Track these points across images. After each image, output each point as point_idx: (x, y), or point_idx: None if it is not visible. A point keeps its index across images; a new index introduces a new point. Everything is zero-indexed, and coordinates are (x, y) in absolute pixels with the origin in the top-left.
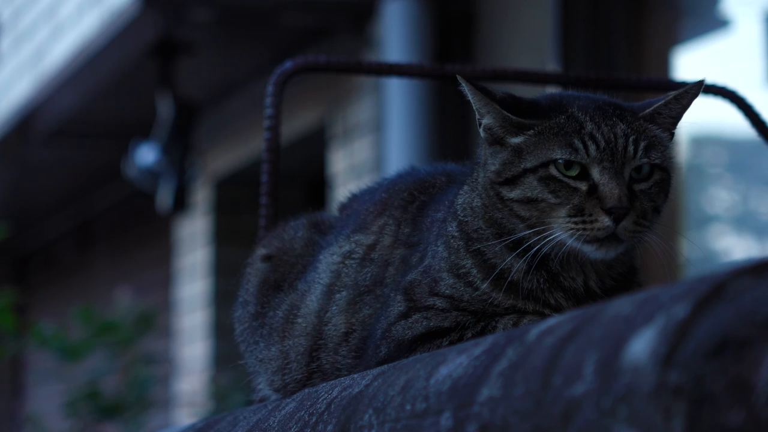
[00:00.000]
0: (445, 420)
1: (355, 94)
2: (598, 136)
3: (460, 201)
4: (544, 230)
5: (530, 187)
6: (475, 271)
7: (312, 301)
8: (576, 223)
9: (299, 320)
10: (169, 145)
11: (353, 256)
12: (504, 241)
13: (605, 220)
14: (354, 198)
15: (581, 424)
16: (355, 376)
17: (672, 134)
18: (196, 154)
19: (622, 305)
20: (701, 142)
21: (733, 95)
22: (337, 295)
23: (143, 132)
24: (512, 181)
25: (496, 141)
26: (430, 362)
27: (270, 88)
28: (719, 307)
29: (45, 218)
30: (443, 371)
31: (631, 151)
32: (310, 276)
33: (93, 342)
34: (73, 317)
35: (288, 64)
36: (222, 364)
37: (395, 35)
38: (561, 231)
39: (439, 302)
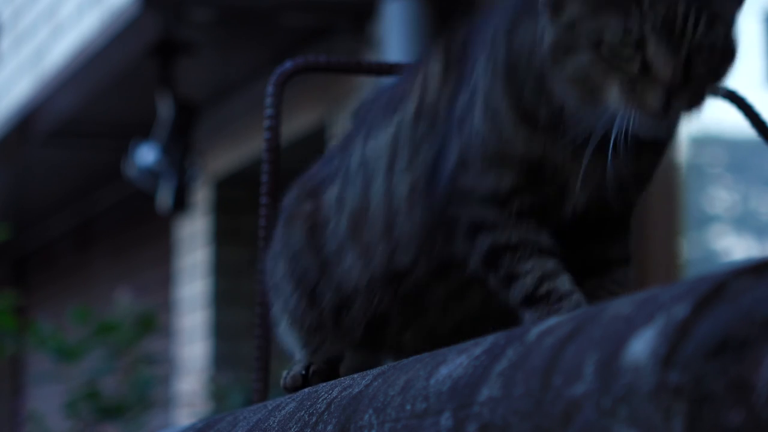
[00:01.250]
0: (445, 420)
1: (355, 94)
2: (659, 7)
3: (518, 36)
4: (594, 105)
5: (582, 60)
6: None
7: (378, 188)
8: (627, 99)
9: (371, 211)
10: (169, 145)
11: (405, 120)
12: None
13: (657, 97)
14: (367, 102)
15: (581, 424)
16: (355, 376)
17: (733, 21)
18: (196, 154)
19: (622, 305)
20: (701, 142)
21: (733, 95)
22: (398, 159)
23: (143, 132)
24: (565, 52)
25: (554, 11)
26: (430, 362)
27: (270, 88)
28: (719, 307)
29: (45, 218)
30: (443, 371)
31: (691, 27)
32: (358, 177)
33: (91, 342)
34: (70, 317)
35: (288, 64)
36: (222, 364)
37: (395, 35)
38: (613, 106)
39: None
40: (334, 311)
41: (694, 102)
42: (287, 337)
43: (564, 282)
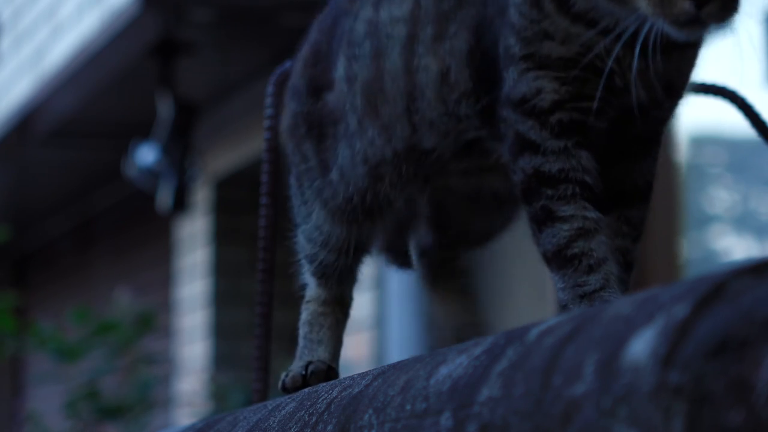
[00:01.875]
0: (445, 420)
1: None
2: None
3: None
4: (623, 5)
5: None
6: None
7: (394, 62)
8: (655, 5)
9: (387, 86)
10: (169, 145)
11: None
12: None
13: (685, 5)
14: None
15: (581, 424)
16: (355, 376)
17: None
18: (196, 154)
19: (622, 305)
20: (701, 142)
21: (733, 95)
22: (421, 36)
23: (143, 132)
24: None
25: None
26: (430, 362)
27: (270, 88)
28: (719, 307)
29: (45, 218)
30: (443, 371)
31: None
32: (365, 47)
33: (91, 342)
34: (69, 317)
35: (288, 64)
36: (222, 364)
37: None
38: (641, 9)
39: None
40: (370, 186)
41: (726, 11)
42: (319, 230)
43: (599, 245)
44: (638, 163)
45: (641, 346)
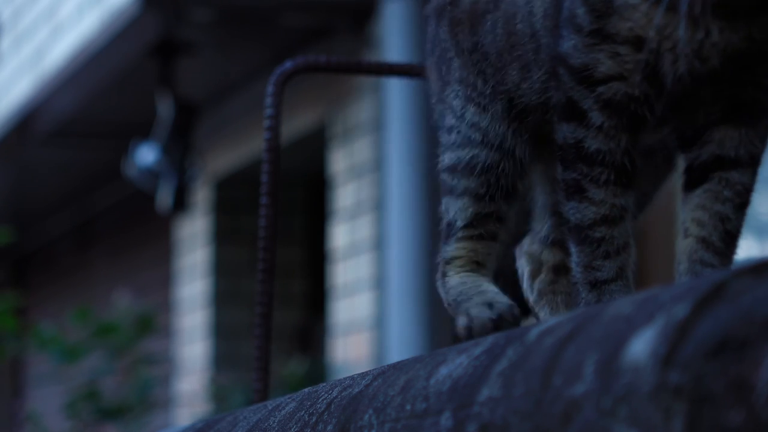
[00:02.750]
0: (445, 420)
1: (355, 94)
2: None
3: None
4: None
5: None
6: None
7: (523, 2)
8: None
9: (518, 28)
10: (169, 145)
11: None
12: None
13: None
14: None
15: (581, 424)
16: (355, 376)
17: None
18: (196, 154)
19: (622, 305)
20: None
21: None
22: None
23: (143, 132)
24: None
25: None
26: (430, 362)
27: (270, 88)
28: (719, 307)
29: (45, 218)
30: (443, 371)
31: None
32: None
33: (91, 343)
34: (70, 318)
35: (288, 64)
36: (222, 364)
37: (395, 35)
38: None
39: None
40: (512, 129)
41: None
42: (475, 127)
43: (621, 233)
44: (737, 130)
45: (641, 346)
